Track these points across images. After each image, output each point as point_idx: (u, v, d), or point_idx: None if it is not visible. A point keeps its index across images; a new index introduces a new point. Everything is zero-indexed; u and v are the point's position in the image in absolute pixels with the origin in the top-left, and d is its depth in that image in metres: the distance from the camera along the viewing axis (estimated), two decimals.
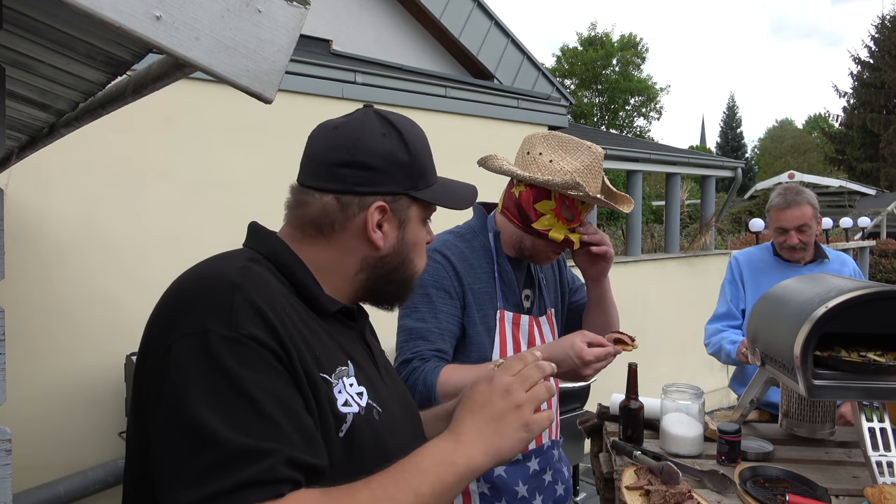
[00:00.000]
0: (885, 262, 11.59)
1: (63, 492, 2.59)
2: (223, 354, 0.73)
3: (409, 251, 0.99)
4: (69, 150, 2.65)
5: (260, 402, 0.72)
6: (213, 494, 0.66)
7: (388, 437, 0.89)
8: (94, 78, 0.86)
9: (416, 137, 0.99)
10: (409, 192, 0.96)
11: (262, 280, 0.84)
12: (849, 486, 1.56)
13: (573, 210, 1.56)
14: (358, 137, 0.94)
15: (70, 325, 2.73)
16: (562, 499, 1.71)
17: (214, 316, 0.76)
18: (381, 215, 0.94)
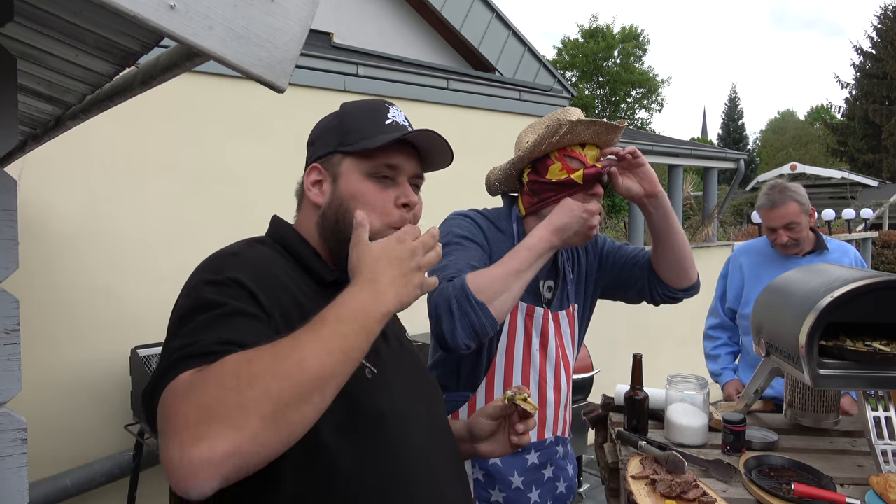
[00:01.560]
0: (887, 252, 11.58)
1: (69, 484, 2.60)
2: (204, 289, 0.87)
3: (347, 202, 1.03)
4: (72, 143, 2.65)
5: (216, 322, 0.82)
6: (160, 372, 0.78)
7: (378, 395, 0.96)
8: (103, 70, 0.86)
9: (355, 106, 1.11)
10: (336, 149, 1.06)
11: (260, 253, 0.98)
12: (853, 474, 1.57)
13: (578, 158, 1.55)
14: (316, 125, 1.13)
15: (73, 318, 2.74)
16: (563, 497, 1.67)
17: (209, 271, 0.91)
18: (318, 175, 1.07)
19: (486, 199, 1.79)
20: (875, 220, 14.01)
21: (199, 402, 0.70)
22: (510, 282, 1.41)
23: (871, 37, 26.23)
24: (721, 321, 2.81)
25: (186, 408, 0.70)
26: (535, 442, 1.61)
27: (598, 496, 4.16)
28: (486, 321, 1.36)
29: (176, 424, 0.69)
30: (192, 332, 0.82)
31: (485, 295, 1.36)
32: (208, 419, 0.68)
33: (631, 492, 1.46)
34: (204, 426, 0.68)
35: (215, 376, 0.72)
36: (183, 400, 0.71)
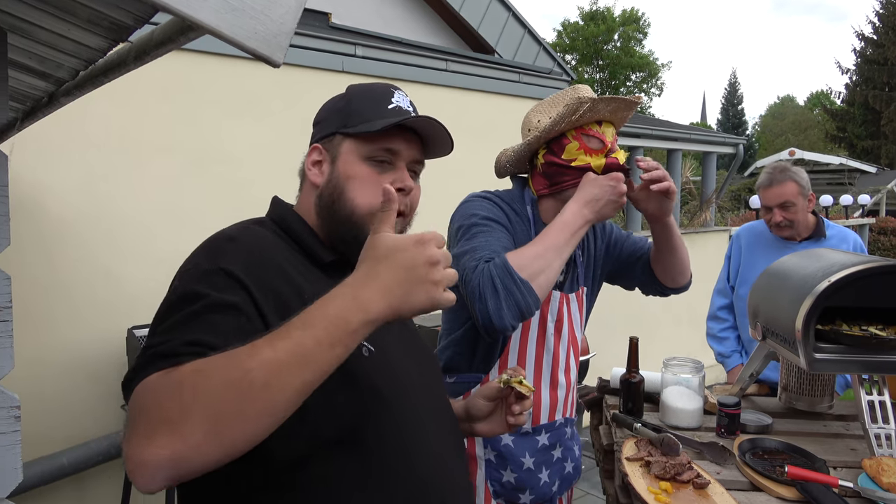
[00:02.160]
0: (884, 239, 11.61)
1: (66, 463, 2.61)
2: (193, 278, 0.88)
3: (342, 183, 1.04)
4: (67, 122, 2.63)
5: (193, 319, 0.82)
6: (134, 370, 0.79)
7: (375, 374, 0.96)
8: (96, 44, 0.84)
9: (362, 89, 1.11)
10: (338, 131, 1.07)
11: (258, 236, 0.97)
12: (847, 458, 1.58)
13: (596, 136, 1.53)
14: (323, 106, 1.13)
15: (70, 299, 2.74)
16: (570, 476, 1.70)
17: (204, 257, 0.91)
18: (319, 156, 1.07)
19: (486, 181, 1.78)
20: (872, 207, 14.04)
21: (149, 406, 0.72)
22: (551, 258, 1.41)
23: (872, 22, 26.07)
24: (730, 301, 2.81)
25: (143, 410, 0.73)
26: (545, 424, 1.62)
27: (591, 478, 4.20)
28: (530, 300, 1.37)
29: (134, 423, 0.72)
30: (169, 328, 0.83)
31: (527, 272, 1.37)
32: (153, 424, 0.71)
33: (626, 473, 1.47)
34: (153, 430, 0.70)
35: (171, 383, 0.73)
36: (142, 402, 0.74)
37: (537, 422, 1.61)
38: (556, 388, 1.63)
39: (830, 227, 2.65)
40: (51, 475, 2.56)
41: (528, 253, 1.41)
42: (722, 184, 7.58)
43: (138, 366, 0.79)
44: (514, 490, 1.58)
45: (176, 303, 0.86)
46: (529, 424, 1.60)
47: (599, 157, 1.53)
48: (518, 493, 1.58)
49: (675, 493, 1.37)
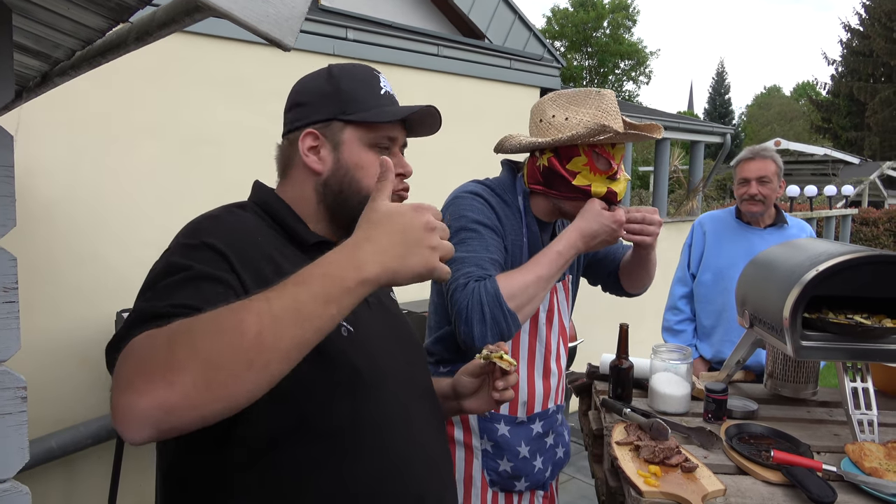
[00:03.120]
0: (865, 229, 11.77)
1: (55, 446, 2.60)
2: (176, 252, 0.89)
3: (351, 172, 1.06)
4: (52, 104, 2.59)
5: (178, 285, 0.83)
6: (118, 335, 0.80)
7: (353, 352, 0.97)
8: (95, 24, 0.83)
9: (347, 72, 1.10)
10: (337, 117, 1.06)
11: (241, 218, 0.99)
12: (830, 443, 1.62)
13: (606, 157, 1.53)
14: (298, 85, 1.12)
15: (58, 282, 2.71)
16: (561, 461, 1.73)
17: (186, 235, 0.93)
18: (315, 141, 1.05)
19: (475, 166, 1.78)
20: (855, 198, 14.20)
21: (139, 358, 0.71)
22: (539, 288, 1.46)
23: (859, 13, 26.26)
24: (690, 289, 2.84)
25: (129, 363, 0.72)
26: (539, 412, 1.64)
27: (577, 462, 4.26)
28: (514, 329, 1.42)
29: (118, 376, 0.72)
30: (154, 295, 0.83)
31: (516, 302, 1.41)
32: (143, 373, 0.69)
33: (615, 457, 1.49)
34: (138, 379, 0.69)
35: (161, 335, 0.72)
36: (131, 355, 0.73)
37: (531, 411, 1.62)
38: (548, 377, 1.65)
39: (788, 217, 2.73)
40: (40, 458, 2.55)
41: (519, 281, 1.43)
42: (709, 173, 7.63)
43: (125, 327, 0.80)
44: (510, 478, 1.60)
45: (160, 273, 0.87)
46: (524, 413, 1.62)
47: (602, 179, 1.53)
48: (514, 482, 1.61)
49: (664, 476, 1.39)
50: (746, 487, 1.37)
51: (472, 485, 1.58)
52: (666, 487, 1.34)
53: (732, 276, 2.59)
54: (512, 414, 1.60)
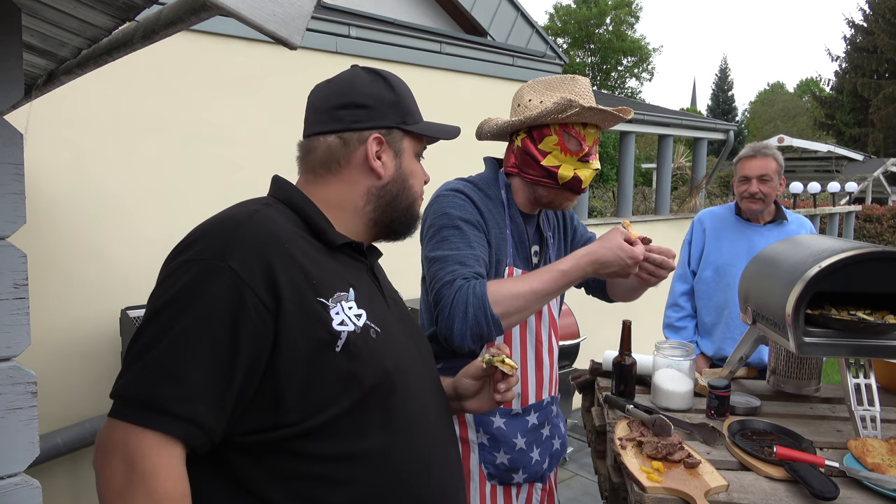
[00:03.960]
0: (869, 226, 11.74)
1: (61, 442, 2.61)
2: (194, 277, 0.87)
3: (407, 179, 1.13)
4: (55, 101, 2.59)
5: (183, 357, 0.84)
6: (122, 387, 0.85)
7: (383, 351, 1.00)
8: (101, 23, 0.84)
9: (400, 82, 1.14)
10: (399, 126, 1.11)
11: (268, 220, 0.96)
12: (832, 439, 1.62)
13: (577, 137, 1.54)
14: (350, 84, 1.10)
15: (63, 279, 2.72)
16: (558, 453, 1.74)
17: (212, 248, 0.89)
18: (379, 146, 1.08)
19: (477, 162, 1.78)
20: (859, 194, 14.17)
21: (118, 484, 0.81)
22: (532, 301, 1.44)
23: (863, 9, 26.09)
24: (690, 286, 2.84)
25: (116, 475, 0.81)
26: (534, 403, 1.65)
27: (580, 459, 4.26)
28: (495, 333, 1.42)
29: (105, 495, 0.82)
30: (159, 363, 0.84)
31: (501, 308, 1.41)
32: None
33: (618, 453, 1.50)
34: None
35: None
36: (116, 464, 0.82)
37: (526, 402, 1.63)
38: (541, 369, 1.66)
39: (788, 213, 2.72)
40: (45, 454, 2.56)
41: (510, 290, 1.42)
42: (712, 170, 7.62)
43: (128, 392, 0.84)
44: (508, 471, 1.61)
45: (171, 315, 0.86)
46: (519, 405, 1.62)
47: (573, 161, 1.55)
48: (511, 474, 1.61)
49: (667, 472, 1.40)
50: (749, 483, 1.38)
51: (470, 479, 1.59)
52: (669, 483, 1.35)
53: (733, 272, 2.59)
54: (507, 406, 1.61)
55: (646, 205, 10.11)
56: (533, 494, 1.69)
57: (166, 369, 0.84)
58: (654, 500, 1.32)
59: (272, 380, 0.90)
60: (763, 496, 1.32)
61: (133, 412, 0.83)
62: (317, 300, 0.94)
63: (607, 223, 5.63)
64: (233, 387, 0.87)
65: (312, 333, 0.92)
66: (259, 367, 0.89)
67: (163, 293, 0.88)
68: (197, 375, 0.84)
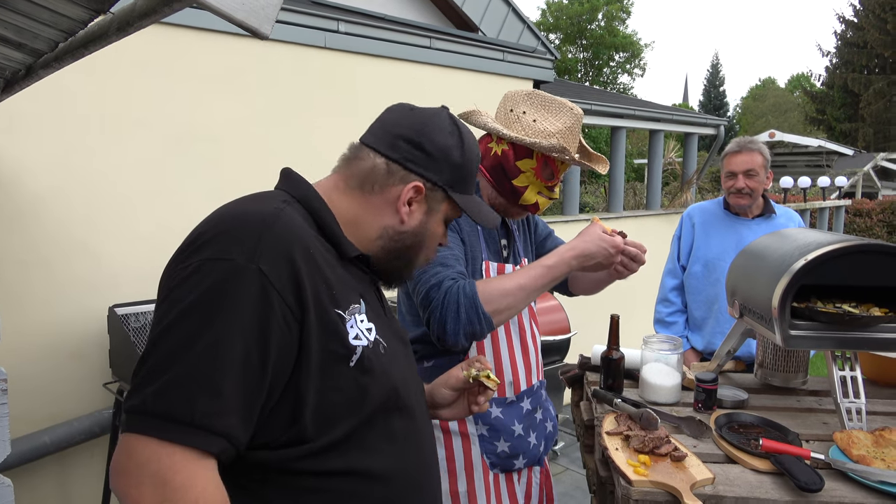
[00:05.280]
0: (859, 220, 11.81)
1: (48, 441, 2.60)
2: (222, 278, 0.82)
3: (425, 238, 1.09)
4: (41, 97, 2.58)
5: (216, 366, 0.80)
6: (140, 396, 0.79)
7: (391, 367, 1.00)
8: (75, 15, 0.83)
9: (473, 149, 1.10)
10: (446, 188, 1.07)
11: (293, 221, 0.92)
12: (819, 431, 1.63)
13: (553, 169, 1.61)
14: (426, 123, 1.06)
15: (50, 276, 2.70)
16: (551, 435, 1.79)
17: (240, 247, 0.84)
18: (415, 194, 1.04)
19: None
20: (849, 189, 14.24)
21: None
22: (519, 297, 1.49)
23: (853, 4, 26.21)
24: (680, 281, 2.85)
25: (144, 491, 0.76)
26: (526, 389, 1.70)
27: (571, 453, 4.28)
28: (486, 330, 1.46)
29: (135, 485, 0.77)
30: (192, 374, 0.79)
31: (492, 306, 1.45)
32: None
33: (605, 447, 1.50)
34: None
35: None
36: (143, 481, 0.77)
37: (518, 389, 1.67)
38: (527, 355, 1.71)
39: (776, 206, 2.73)
40: (33, 453, 2.54)
41: (499, 287, 1.47)
42: (703, 165, 7.63)
43: (158, 408, 0.78)
44: (509, 458, 1.64)
45: (201, 311, 0.81)
46: (512, 392, 1.66)
47: (540, 186, 1.61)
48: (513, 461, 1.65)
49: (654, 465, 1.40)
50: (735, 476, 1.38)
51: (473, 470, 1.61)
52: (655, 476, 1.35)
53: (722, 267, 2.60)
54: (501, 396, 1.64)
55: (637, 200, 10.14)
56: (532, 478, 1.74)
57: (201, 381, 0.78)
58: (640, 494, 1.32)
59: (294, 391, 0.87)
60: (749, 488, 1.33)
61: (165, 429, 0.77)
62: (335, 311, 0.92)
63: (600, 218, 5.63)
64: (261, 396, 0.84)
65: (330, 345, 0.90)
66: (284, 377, 0.86)
67: (185, 294, 0.82)
68: (231, 386, 0.80)
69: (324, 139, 3.50)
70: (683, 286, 2.83)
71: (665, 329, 2.81)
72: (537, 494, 1.75)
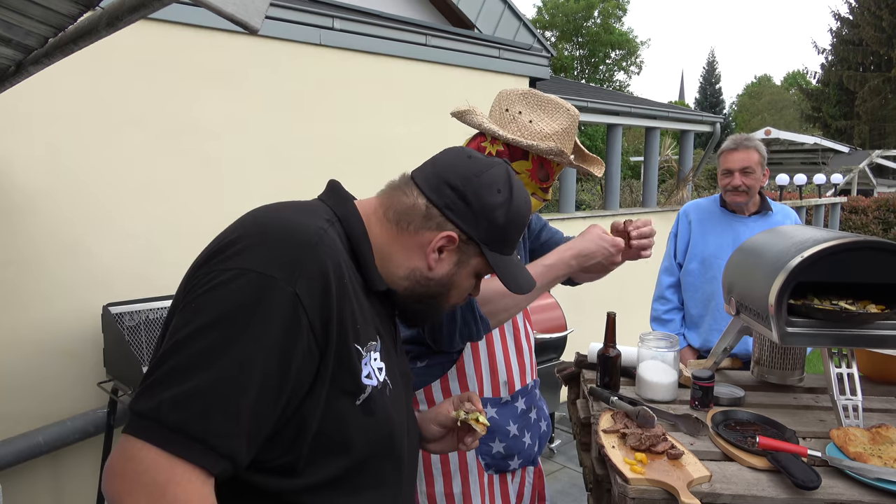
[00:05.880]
0: (854, 217, 11.84)
1: (42, 441, 2.58)
2: (254, 292, 0.79)
3: (451, 288, 1.06)
4: (31, 93, 2.55)
5: (240, 386, 0.78)
6: (148, 398, 0.77)
7: (393, 410, 0.98)
8: (65, 10, 0.81)
9: (520, 213, 1.07)
10: (481, 244, 1.04)
11: (334, 245, 0.90)
12: (815, 428, 1.63)
13: (548, 170, 1.59)
14: (478, 176, 1.02)
15: (43, 276, 2.68)
16: (545, 434, 1.78)
17: (280, 265, 0.82)
18: (447, 244, 1.01)
19: None
20: (844, 186, 14.28)
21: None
22: (518, 298, 1.47)
23: (848, 2, 26.25)
24: (677, 278, 2.85)
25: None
26: (520, 389, 1.68)
27: (568, 451, 4.28)
28: (483, 332, 1.45)
29: (126, 486, 0.75)
30: (213, 390, 0.76)
31: (489, 308, 1.44)
32: None
33: (602, 445, 1.50)
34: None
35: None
36: (137, 487, 0.74)
37: (513, 389, 1.66)
38: (521, 353, 1.70)
39: (773, 204, 2.73)
40: (26, 453, 2.53)
41: (496, 289, 1.44)
42: (699, 162, 7.64)
43: (171, 419, 0.75)
44: (504, 458, 1.63)
45: (230, 324, 0.78)
46: (507, 392, 1.65)
47: (534, 187, 1.58)
48: (508, 461, 1.64)
49: (650, 463, 1.40)
50: (732, 473, 1.38)
51: (468, 472, 1.60)
52: (652, 474, 1.34)
53: (719, 264, 2.60)
54: (496, 396, 1.63)
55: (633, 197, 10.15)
56: (525, 478, 1.73)
57: (220, 400, 0.76)
58: (636, 492, 1.32)
59: (300, 418, 0.85)
60: (745, 486, 1.32)
61: (174, 441, 0.75)
62: (355, 346, 0.90)
63: (596, 216, 5.63)
64: (272, 421, 0.82)
65: (342, 380, 0.89)
66: (295, 402, 0.84)
67: (218, 302, 0.80)
68: (247, 408, 0.78)
69: (319, 137, 3.49)
70: (680, 284, 2.82)
71: (661, 326, 2.81)
72: (529, 494, 1.74)
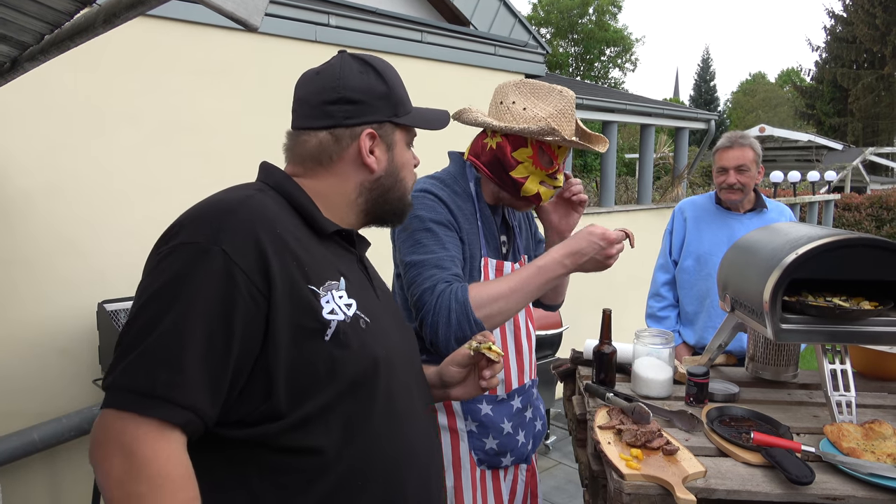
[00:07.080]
0: (848, 214, 11.90)
1: (37, 438, 2.57)
2: (186, 261, 0.86)
3: (399, 171, 1.14)
4: (26, 90, 2.54)
5: (181, 344, 0.84)
6: (114, 376, 0.84)
7: (373, 343, 1.01)
8: (62, 7, 0.81)
9: (390, 72, 1.13)
10: (391, 119, 1.10)
11: (261, 206, 0.96)
12: (809, 424, 1.64)
13: (550, 155, 1.57)
14: (339, 77, 1.08)
15: (37, 274, 2.67)
16: (540, 433, 1.79)
17: (205, 231, 0.89)
18: (372, 141, 1.08)
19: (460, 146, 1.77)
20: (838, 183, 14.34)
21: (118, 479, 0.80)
22: (512, 301, 1.46)
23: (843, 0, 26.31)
24: (672, 276, 2.86)
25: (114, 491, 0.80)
26: (517, 388, 1.69)
27: (563, 447, 4.29)
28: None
29: (106, 486, 0.81)
30: (155, 351, 0.83)
31: (484, 311, 1.43)
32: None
33: (598, 441, 1.50)
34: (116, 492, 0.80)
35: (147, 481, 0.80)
36: (115, 477, 0.80)
37: (510, 388, 1.67)
38: (521, 354, 1.70)
39: (768, 201, 2.73)
40: (22, 451, 2.52)
41: (492, 291, 1.44)
42: (693, 159, 7.66)
43: (124, 382, 0.82)
44: (497, 455, 1.64)
45: (166, 293, 0.86)
46: (503, 391, 1.66)
47: (541, 175, 1.58)
48: (500, 458, 1.65)
49: (646, 459, 1.40)
50: (726, 469, 1.39)
51: (460, 466, 1.61)
52: (647, 470, 1.35)
53: (714, 261, 2.61)
54: (492, 393, 1.64)
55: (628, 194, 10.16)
56: (518, 476, 1.73)
57: (163, 357, 0.83)
58: (632, 488, 1.33)
59: (264, 367, 0.90)
60: (740, 481, 1.33)
61: (130, 401, 0.82)
62: (308, 287, 0.94)
63: (591, 212, 5.64)
64: (227, 372, 0.87)
65: (303, 321, 0.93)
66: (252, 353, 0.89)
67: (153, 281, 0.88)
68: (194, 361, 0.84)
69: None
70: (675, 281, 2.83)
71: (657, 324, 2.82)
72: (522, 492, 1.74)
